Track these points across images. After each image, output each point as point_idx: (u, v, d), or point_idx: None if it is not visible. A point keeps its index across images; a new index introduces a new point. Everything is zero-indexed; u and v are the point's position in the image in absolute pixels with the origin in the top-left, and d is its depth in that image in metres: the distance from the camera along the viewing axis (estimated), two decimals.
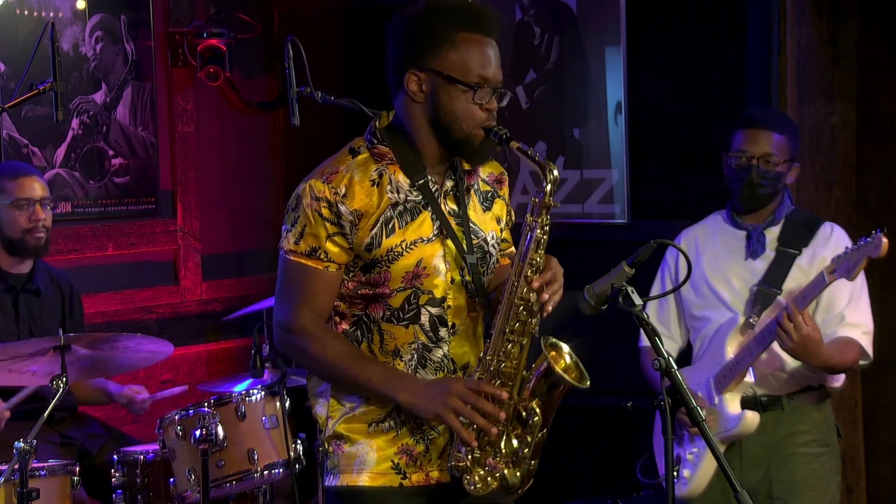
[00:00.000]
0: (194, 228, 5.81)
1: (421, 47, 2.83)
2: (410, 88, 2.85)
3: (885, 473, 5.00)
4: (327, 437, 2.93)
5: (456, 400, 2.78)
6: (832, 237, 3.95)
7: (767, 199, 3.94)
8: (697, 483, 3.94)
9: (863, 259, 3.64)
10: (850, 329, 3.88)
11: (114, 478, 4.25)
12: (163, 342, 4.22)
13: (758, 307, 3.89)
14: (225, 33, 5.65)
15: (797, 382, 3.94)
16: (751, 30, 4.84)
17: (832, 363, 3.82)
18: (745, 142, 3.92)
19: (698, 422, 2.82)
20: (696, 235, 4.09)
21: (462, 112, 2.84)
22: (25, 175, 4.49)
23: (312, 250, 2.83)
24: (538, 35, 5.37)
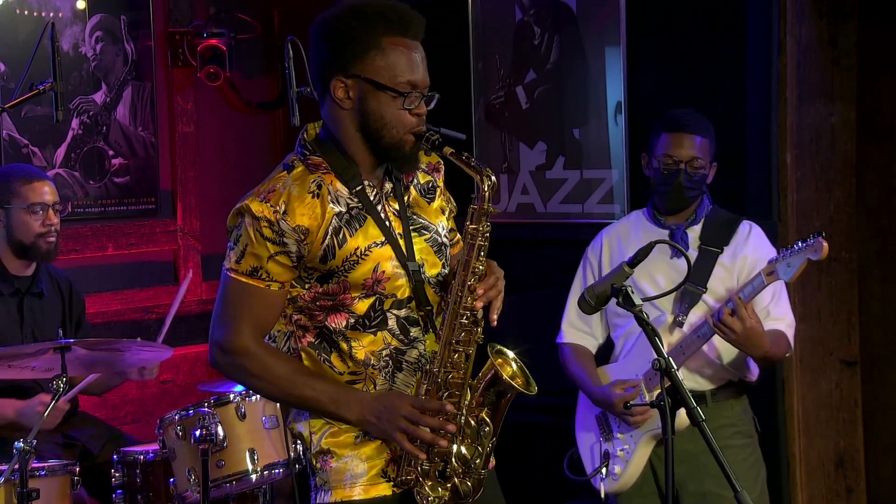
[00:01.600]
0: (194, 228, 5.81)
1: (346, 53, 2.77)
2: (337, 95, 2.80)
3: (885, 473, 5.00)
4: (314, 453, 2.88)
5: (403, 421, 2.77)
6: (751, 236, 4.04)
7: (693, 200, 4.03)
8: (628, 477, 4.02)
9: (802, 261, 3.70)
10: (777, 322, 3.97)
11: (114, 478, 4.25)
12: (162, 347, 4.22)
13: (685, 305, 3.97)
14: (225, 33, 5.65)
15: (720, 378, 4.02)
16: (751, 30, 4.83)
17: (770, 353, 3.89)
18: (672, 146, 4.00)
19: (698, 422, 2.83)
20: (618, 233, 4.17)
21: (391, 118, 2.79)
22: (39, 180, 4.48)
23: (254, 270, 2.79)
24: (538, 35, 5.37)
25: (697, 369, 3.99)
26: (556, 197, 5.33)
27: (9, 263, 4.46)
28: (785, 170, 4.76)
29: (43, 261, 4.51)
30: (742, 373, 4.04)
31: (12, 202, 4.41)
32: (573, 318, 4.18)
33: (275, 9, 6.10)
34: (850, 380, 4.92)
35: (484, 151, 5.57)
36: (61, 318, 4.59)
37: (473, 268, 2.81)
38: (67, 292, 4.64)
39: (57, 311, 4.59)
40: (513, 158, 5.48)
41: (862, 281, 4.92)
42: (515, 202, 5.48)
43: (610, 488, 4.05)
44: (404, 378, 2.87)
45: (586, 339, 4.19)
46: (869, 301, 4.93)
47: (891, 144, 4.92)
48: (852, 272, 4.89)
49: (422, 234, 2.92)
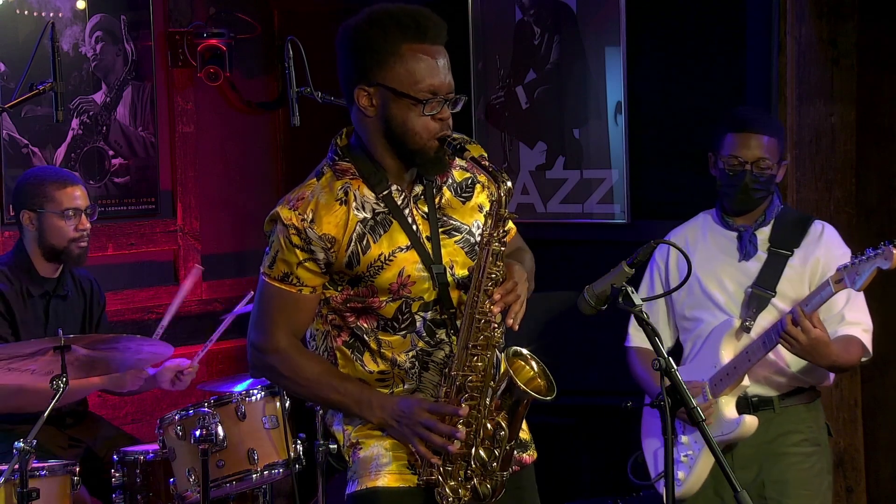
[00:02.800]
0: (194, 228, 5.81)
1: (367, 62, 2.80)
2: (361, 104, 2.83)
3: (885, 473, 5.00)
4: (346, 447, 2.95)
5: (419, 426, 2.82)
6: (823, 236, 3.95)
7: (761, 201, 3.95)
8: (692, 484, 3.95)
9: (871, 270, 3.63)
10: (850, 327, 3.89)
11: (114, 478, 4.25)
12: (163, 344, 4.21)
13: (753, 310, 3.90)
14: (225, 33, 5.65)
15: (789, 384, 3.95)
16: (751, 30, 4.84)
17: (840, 362, 3.83)
18: (737, 146, 3.91)
19: (698, 422, 2.82)
20: (685, 235, 4.09)
21: (413, 124, 2.81)
22: (73, 184, 4.46)
23: (285, 275, 2.86)
24: (538, 35, 5.37)
25: (765, 375, 3.92)
26: (556, 197, 5.33)
27: (39, 265, 4.45)
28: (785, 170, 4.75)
29: (74, 265, 4.51)
30: (813, 378, 3.95)
31: (46, 206, 4.39)
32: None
33: (275, 9, 6.09)
34: (850, 380, 4.91)
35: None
36: (82, 318, 4.59)
37: (489, 272, 2.82)
38: (89, 291, 4.64)
39: (79, 311, 4.59)
40: (513, 158, 5.48)
41: None
42: (515, 202, 5.48)
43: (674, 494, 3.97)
44: (431, 377, 2.90)
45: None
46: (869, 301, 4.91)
47: (891, 144, 4.92)
48: None
49: (452, 235, 2.93)
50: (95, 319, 4.65)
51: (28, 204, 4.41)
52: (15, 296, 4.40)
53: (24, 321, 4.40)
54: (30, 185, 4.45)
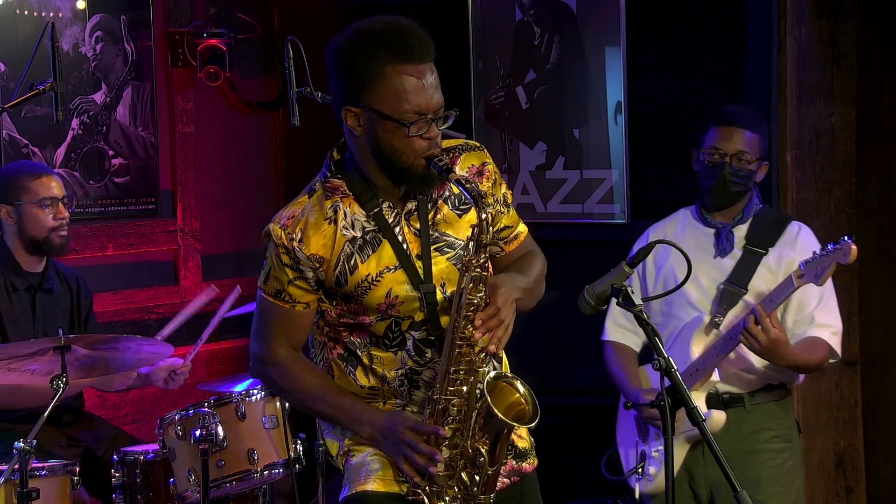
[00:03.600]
0: (194, 228, 5.81)
1: (352, 83, 2.75)
2: (349, 124, 2.79)
3: (885, 474, 5.00)
4: (339, 456, 2.97)
5: (403, 444, 2.82)
6: (799, 238, 3.98)
7: (738, 196, 3.97)
8: (662, 480, 3.96)
9: (832, 265, 3.66)
10: (819, 329, 3.91)
11: (114, 478, 4.25)
12: (163, 344, 4.22)
13: (723, 306, 3.92)
14: (225, 33, 5.65)
15: (760, 380, 3.97)
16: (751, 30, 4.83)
17: (799, 363, 3.86)
18: (719, 139, 3.94)
19: (698, 422, 2.82)
20: (665, 232, 4.11)
21: (400, 146, 2.76)
22: (46, 174, 4.51)
23: (277, 292, 2.87)
24: (538, 35, 5.37)
25: (736, 372, 3.94)
26: (556, 197, 5.33)
27: (21, 259, 4.48)
28: (785, 170, 4.75)
29: (56, 254, 4.53)
30: (783, 376, 3.97)
31: (22, 198, 4.42)
32: (617, 317, 4.14)
33: (275, 9, 6.10)
34: (850, 380, 4.91)
35: None
36: (70, 313, 4.60)
37: (469, 298, 2.77)
38: (76, 288, 4.65)
39: (66, 306, 4.60)
40: (513, 158, 5.48)
41: (862, 281, 4.91)
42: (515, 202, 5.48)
43: (645, 489, 4.00)
44: (419, 395, 2.89)
45: (629, 338, 4.14)
46: (869, 301, 4.92)
47: (891, 144, 4.92)
48: (852, 272, 4.88)
49: (444, 252, 2.88)
50: (84, 315, 4.66)
51: (4, 198, 4.44)
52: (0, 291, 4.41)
53: (11, 317, 4.41)
54: (5, 180, 4.49)
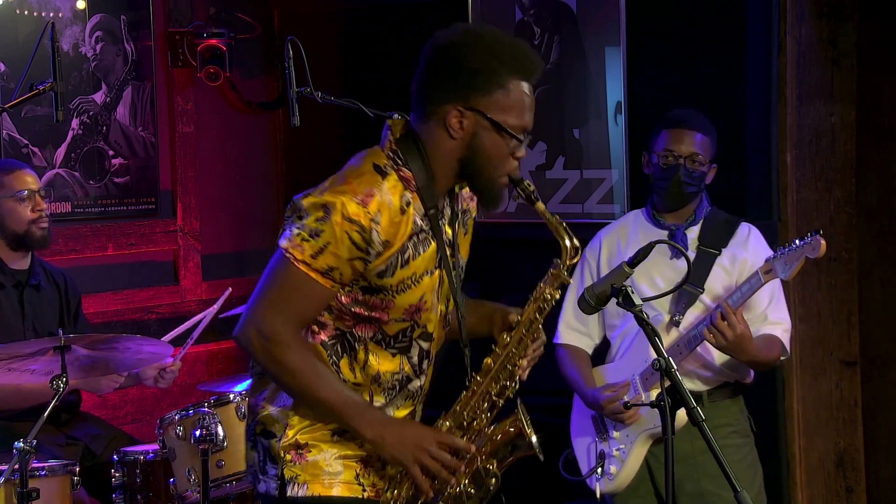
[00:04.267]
0: (194, 228, 5.81)
1: (472, 85, 2.70)
2: (451, 124, 2.72)
3: (885, 474, 5.00)
4: (284, 444, 2.81)
5: (424, 454, 2.75)
6: (750, 239, 4.03)
7: (691, 197, 4.02)
8: (624, 477, 4.02)
9: (800, 259, 3.71)
10: (772, 327, 3.97)
11: (114, 478, 4.25)
12: (163, 344, 4.22)
13: (682, 305, 3.96)
14: (225, 33, 5.65)
15: (716, 378, 4.02)
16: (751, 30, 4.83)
17: (759, 358, 3.90)
18: (672, 141, 3.99)
19: (698, 422, 2.82)
20: (617, 233, 4.15)
21: (499, 160, 2.74)
22: (20, 168, 4.53)
23: (329, 269, 2.69)
24: (538, 35, 5.37)
25: (694, 370, 3.99)
26: (556, 197, 5.33)
27: (6, 257, 4.48)
28: (785, 170, 4.75)
29: (38, 248, 4.52)
30: (738, 374, 4.04)
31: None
32: (570, 319, 4.18)
33: (275, 9, 6.10)
34: (850, 380, 4.92)
35: None
36: (59, 310, 4.60)
37: (535, 331, 2.83)
38: (63, 284, 4.65)
39: (54, 303, 4.60)
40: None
41: (862, 281, 4.91)
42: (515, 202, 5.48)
43: (606, 488, 4.04)
44: (400, 401, 2.88)
45: (582, 340, 4.19)
46: (869, 301, 4.92)
47: (891, 144, 4.91)
48: (852, 272, 4.89)
49: (454, 268, 2.88)
50: (73, 312, 4.66)
51: None
52: None
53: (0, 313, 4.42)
54: None
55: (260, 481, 2.85)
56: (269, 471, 2.83)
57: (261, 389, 2.87)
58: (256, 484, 2.87)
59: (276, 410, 2.83)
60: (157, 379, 4.64)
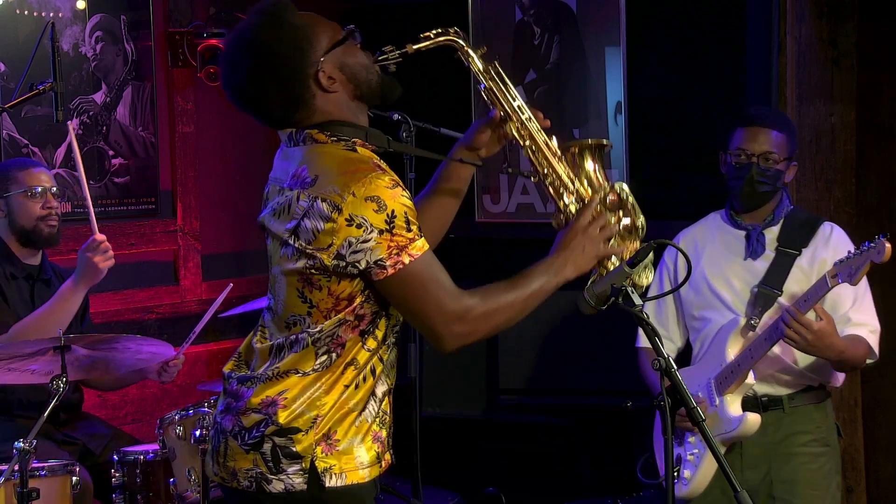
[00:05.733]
0: (194, 228, 5.81)
1: (303, 53, 2.81)
2: (326, 85, 2.82)
3: (885, 474, 5.00)
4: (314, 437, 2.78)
5: (594, 231, 2.88)
6: (832, 238, 3.95)
7: (767, 196, 3.95)
8: (698, 483, 3.94)
9: (865, 264, 3.64)
10: (857, 328, 3.88)
11: (114, 478, 4.25)
12: (163, 344, 4.22)
13: (759, 308, 3.89)
14: (225, 33, 5.65)
15: (798, 382, 3.94)
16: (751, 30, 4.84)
17: (847, 355, 3.80)
18: (745, 140, 3.92)
19: (698, 422, 2.82)
20: (694, 235, 4.09)
21: (363, 61, 2.87)
22: (34, 166, 4.56)
23: (420, 229, 2.73)
24: (538, 35, 5.37)
25: (773, 374, 3.92)
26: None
27: (17, 251, 4.51)
28: None
29: (46, 246, 4.54)
30: (823, 377, 3.95)
31: (11, 189, 4.46)
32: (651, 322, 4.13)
33: None
34: (850, 380, 4.91)
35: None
36: None
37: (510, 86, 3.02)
38: None
39: None
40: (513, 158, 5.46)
41: None
42: (515, 202, 5.49)
43: (680, 493, 3.96)
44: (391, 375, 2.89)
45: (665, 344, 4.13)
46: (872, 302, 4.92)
47: (891, 144, 4.92)
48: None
49: None
50: (80, 314, 4.66)
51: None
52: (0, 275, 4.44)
53: (12, 298, 4.43)
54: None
55: (270, 482, 2.80)
56: (287, 468, 2.79)
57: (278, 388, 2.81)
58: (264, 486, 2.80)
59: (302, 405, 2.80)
60: (160, 373, 4.63)
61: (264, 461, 2.80)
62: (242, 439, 2.82)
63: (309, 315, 2.80)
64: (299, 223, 2.76)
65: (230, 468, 2.84)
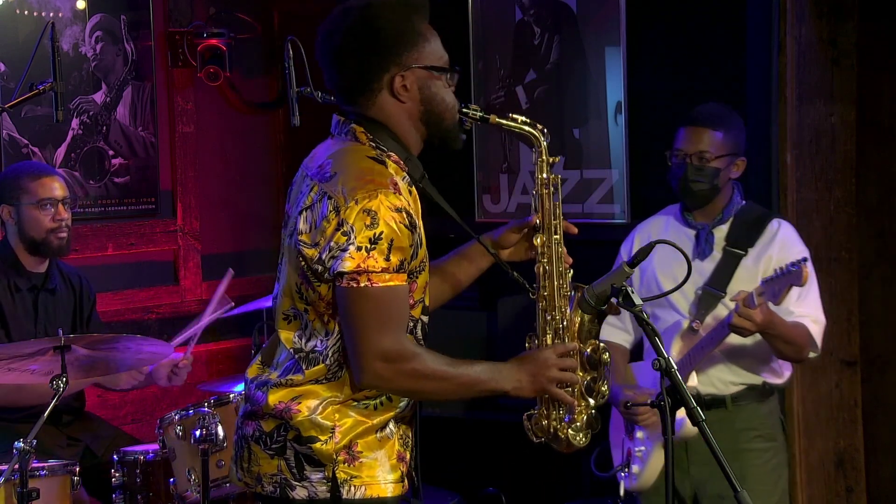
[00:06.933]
0: (194, 228, 5.81)
1: (399, 46, 2.78)
2: (398, 91, 2.80)
3: (885, 473, 5.00)
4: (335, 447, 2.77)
5: (555, 371, 2.85)
6: (778, 235, 3.98)
7: (706, 194, 3.99)
8: (646, 478, 4.02)
9: (786, 287, 3.68)
10: (799, 318, 3.90)
11: (114, 478, 4.25)
12: (163, 344, 4.22)
13: (701, 311, 3.94)
14: (225, 33, 5.65)
15: (740, 382, 3.99)
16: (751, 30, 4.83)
17: (789, 335, 3.81)
18: (683, 140, 4.00)
19: (698, 422, 2.82)
20: (649, 230, 4.15)
21: (448, 99, 2.85)
22: (48, 175, 4.50)
23: (401, 264, 2.69)
24: (538, 35, 5.37)
25: (716, 374, 3.95)
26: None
27: (24, 260, 4.48)
28: (785, 170, 4.75)
29: (55, 256, 4.53)
30: (766, 376, 3.99)
31: (22, 199, 4.42)
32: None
33: (275, 9, 6.09)
34: (850, 380, 4.92)
35: (484, 151, 5.57)
36: (72, 313, 4.60)
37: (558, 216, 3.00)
38: (78, 287, 4.65)
39: (69, 306, 4.60)
40: (513, 158, 5.48)
41: (862, 281, 4.91)
42: (515, 202, 5.49)
43: (629, 486, 4.05)
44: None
45: (619, 335, 4.16)
46: (869, 301, 4.92)
47: (891, 144, 4.92)
48: (852, 272, 4.89)
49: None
50: (86, 315, 4.66)
51: (6, 199, 4.45)
52: (3, 290, 4.42)
53: (13, 316, 4.42)
54: (7, 181, 4.50)
55: (294, 488, 2.79)
56: (311, 475, 2.78)
57: (292, 394, 2.80)
58: (288, 492, 2.79)
59: (318, 414, 2.78)
60: (170, 377, 4.63)
61: (289, 467, 2.79)
62: (266, 444, 2.82)
63: (306, 312, 2.81)
64: (305, 211, 2.77)
65: (255, 473, 2.84)
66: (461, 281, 3.11)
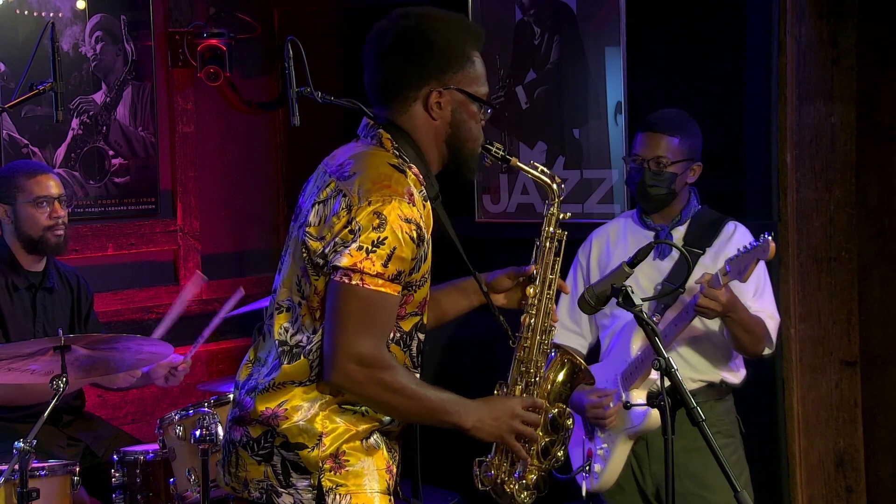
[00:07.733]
0: (194, 228, 5.81)
1: (444, 64, 2.80)
2: (431, 106, 2.81)
3: (885, 473, 5.00)
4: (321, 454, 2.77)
5: (518, 422, 2.86)
6: (734, 236, 4.05)
7: (662, 198, 4.05)
8: (608, 476, 4.06)
9: (752, 262, 3.72)
10: (757, 313, 3.96)
11: (114, 478, 4.25)
12: (163, 344, 4.22)
13: (661, 305, 4.00)
14: (225, 33, 5.65)
15: (700, 378, 4.03)
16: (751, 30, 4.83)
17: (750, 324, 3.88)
18: (640, 145, 4.07)
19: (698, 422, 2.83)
20: (607, 234, 4.20)
21: (475, 130, 2.87)
22: (43, 173, 4.52)
23: (397, 274, 2.69)
24: (538, 35, 5.37)
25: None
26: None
27: (21, 259, 4.49)
28: (785, 170, 4.75)
29: (53, 254, 4.54)
30: (724, 374, 4.05)
31: (18, 197, 4.44)
32: (563, 318, 4.19)
33: (275, 9, 6.10)
34: (850, 380, 4.91)
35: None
36: (70, 312, 4.60)
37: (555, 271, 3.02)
38: (76, 286, 4.66)
39: (66, 305, 4.61)
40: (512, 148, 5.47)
41: (862, 281, 4.91)
42: (515, 202, 5.49)
43: (592, 487, 4.09)
44: None
45: (575, 339, 4.20)
46: (869, 301, 4.92)
47: (891, 144, 4.91)
48: (852, 272, 4.89)
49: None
50: (84, 314, 4.66)
51: (2, 197, 4.47)
52: (1, 290, 4.42)
53: (11, 315, 4.43)
54: (2, 179, 4.52)
55: (280, 495, 2.78)
56: (297, 483, 2.77)
57: (278, 400, 2.80)
58: (274, 498, 2.79)
59: (306, 421, 2.78)
60: (167, 377, 4.64)
61: (275, 474, 2.79)
62: (253, 450, 2.81)
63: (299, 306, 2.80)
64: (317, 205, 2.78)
65: (242, 478, 2.83)
66: (447, 312, 3.10)
